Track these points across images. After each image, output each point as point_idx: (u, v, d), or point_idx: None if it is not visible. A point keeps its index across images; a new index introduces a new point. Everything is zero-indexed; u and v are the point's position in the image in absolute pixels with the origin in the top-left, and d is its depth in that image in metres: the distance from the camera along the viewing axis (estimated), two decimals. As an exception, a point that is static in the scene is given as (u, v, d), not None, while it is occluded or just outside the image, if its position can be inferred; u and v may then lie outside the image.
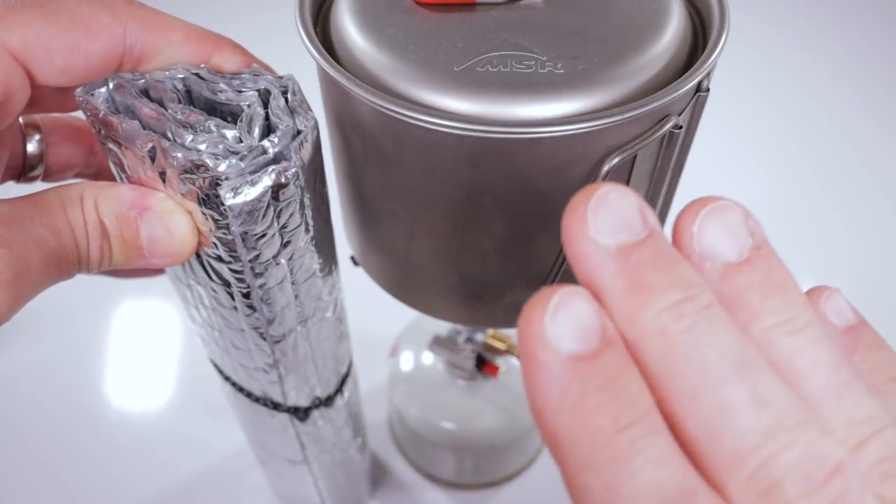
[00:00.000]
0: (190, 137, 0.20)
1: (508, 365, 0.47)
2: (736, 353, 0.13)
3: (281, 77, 0.22)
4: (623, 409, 0.13)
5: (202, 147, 0.20)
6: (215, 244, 0.22)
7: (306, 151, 0.22)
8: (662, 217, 0.30)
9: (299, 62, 0.27)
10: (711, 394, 0.13)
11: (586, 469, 0.13)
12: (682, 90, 0.21)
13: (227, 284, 0.24)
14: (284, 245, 0.23)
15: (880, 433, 0.13)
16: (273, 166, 0.21)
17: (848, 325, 0.17)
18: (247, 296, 0.24)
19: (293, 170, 0.21)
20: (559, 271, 0.25)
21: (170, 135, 0.20)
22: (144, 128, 0.20)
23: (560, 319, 0.13)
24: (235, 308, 0.25)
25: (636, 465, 0.13)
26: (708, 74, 0.23)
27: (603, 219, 0.14)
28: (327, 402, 0.34)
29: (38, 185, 0.24)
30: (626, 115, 0.21)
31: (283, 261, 0.24)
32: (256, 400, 0.33)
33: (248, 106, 0.21)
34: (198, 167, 0.20)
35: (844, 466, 0.13)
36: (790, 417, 0.13)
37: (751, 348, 0.14)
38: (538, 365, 0.13)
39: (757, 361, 0.13)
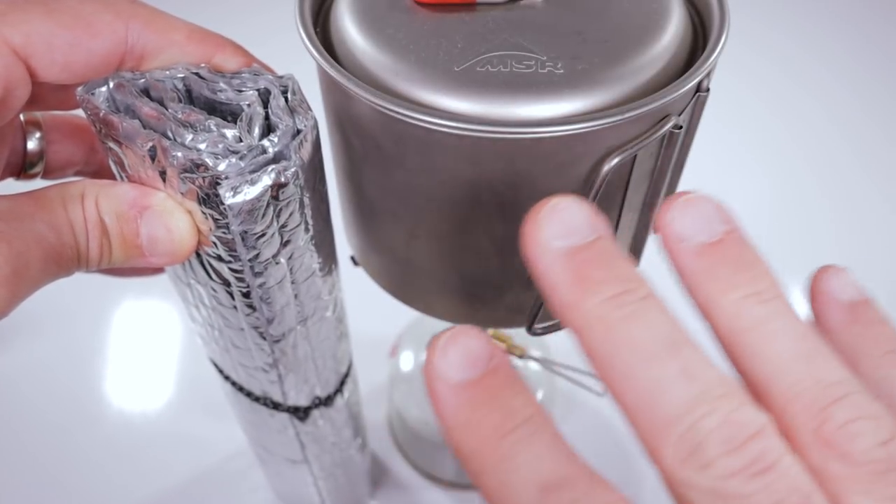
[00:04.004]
0: (190, 137, 0.20)
1: (508, 365, 0.47)
2: (668, 336, 0.15)
3: (281, 77, 0.22)
4: (505, 419, 0.15)
5: (202, 146, 0.20)
6: (215, 243, 0.22)
7: (306, 151, 0.22)
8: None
9: (299, 62, 0.27)
10: (645, 371, 0.15)
11: (484, 472, 0.15)
12: (682, 90, 0.21)
13: (226, 283, 0.24)
14: (284, 244, 0.23)
15: (848, 397, 0.15)
16: (273, 166, 0.21)
17: (852, 301, 0.18)
18: (246, 295, 0.24)
19: (293, 169, 0.21)
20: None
21: (170, 134, 0.20)
22: (145, 127, 0.20)
23: (449, 355, 0.16)
24: (235, 307, 0.25)
25: (519, 461, 0.15)
26: (708, 74, 0.23)
27: (554, 225, 0.16)
28: (327, 401, 0.34)
29: (38, 183, 0.24)
30: (626, 115, 0.21)
31: (282, 260, 0.24)
32: (256, 399, 0.33)
33: (248, 105, 0.21)
34: (198, 166, 0.20)
35: (764, 432, 0.14)
36: (714, 389, 0.14)
37: (682, 332, 0.15)
38: (434, 394, 0.16)
39: (686, 343, 0.15)
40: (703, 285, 0.16)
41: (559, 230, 0.16)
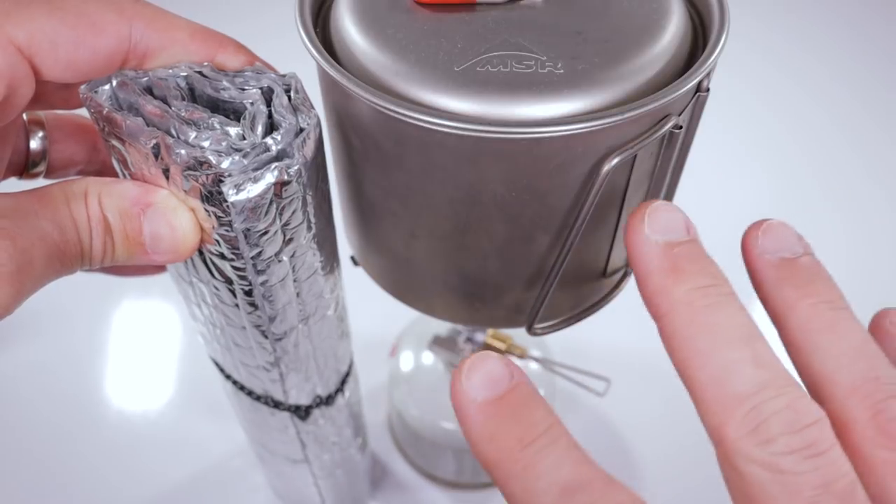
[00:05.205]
0: (193, 134, 0.20)
1: (508, 365, 0.47)
2: (745, 328, 0.17)
3: (284, 75, 0.23)
4: (526, 431, 0.17)
5: (205, 144, 0.20)
6: (218, 241, 0.22)
7: (309, 149, 0.22)
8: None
9: (300, 62, 0.27)
10: (721, 353, 0.17)
11: (509, 480, 0.17)
12: (682, 90, 0.21)
13: (229, 282, 0.24)
14: (287, 242, 0.23)
15: None
16: (276, 163, 0.21)
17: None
18: (249, 293, 0.24)
19: (296, 167, 0.21)
20: (559, 271, 0.25)
21: (173, 132, 0.20)
22: (148, 125, 0.20)
23: (472, 377, 0.18)
24: (237, 305, 0.25)
25: (540, 469, 0.17)
26: (708, 74, 0.23)
27: (656, 222, 0.19)
28: (328, 400, 0.34)
29: (40, 182, 0.24)
30: (626, 115, 0.21)
31: (285, 258, 0.24)
32: (257, 398, 0.33)
33: (252, 104, 0.21)
34: (201, 164, 0.20)
35: (821, 423, 0.16)
36: (781, 378, 0.16)
37: (756, 328, 0.17)
38: (462, 412, 0.18)
39: (759, 337, 0.17)
40: (783, 290, 0.18)
41: (660, 227, 0.19)
